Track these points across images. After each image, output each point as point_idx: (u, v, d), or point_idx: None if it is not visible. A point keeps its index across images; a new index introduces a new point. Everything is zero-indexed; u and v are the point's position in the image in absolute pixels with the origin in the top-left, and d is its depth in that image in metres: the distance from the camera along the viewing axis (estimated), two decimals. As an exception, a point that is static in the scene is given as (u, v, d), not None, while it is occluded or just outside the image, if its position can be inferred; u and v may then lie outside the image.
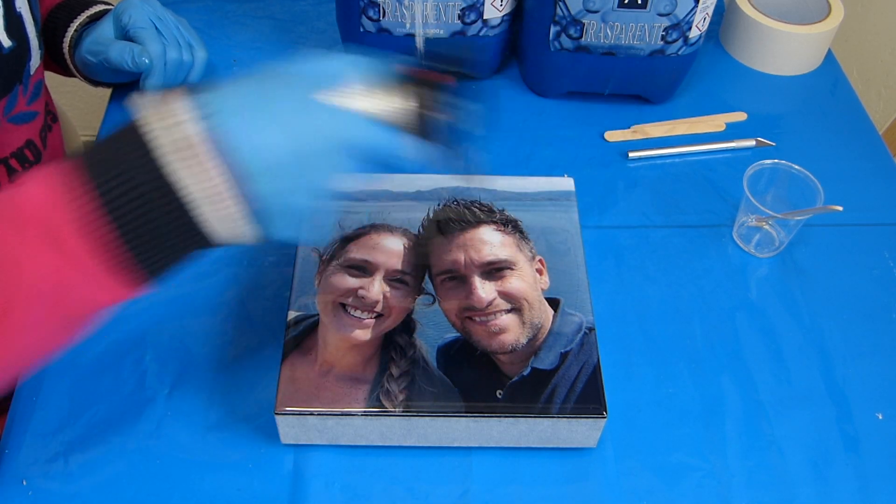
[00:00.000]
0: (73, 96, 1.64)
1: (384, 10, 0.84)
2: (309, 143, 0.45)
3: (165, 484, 0.60)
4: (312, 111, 0.46)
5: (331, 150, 0.46)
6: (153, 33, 0.78)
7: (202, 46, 0.82)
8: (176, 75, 0.80)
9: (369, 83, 0.49)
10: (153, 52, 0.77)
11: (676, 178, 0.84)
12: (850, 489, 0.62)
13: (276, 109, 0.45)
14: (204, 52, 0.82)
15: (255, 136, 0.44)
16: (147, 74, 0.78)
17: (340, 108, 0.47)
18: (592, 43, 0.84)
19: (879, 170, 0.86)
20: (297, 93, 0.46)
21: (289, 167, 0.45)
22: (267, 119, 0.45)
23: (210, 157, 0.43)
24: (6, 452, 0.61)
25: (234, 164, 0.43)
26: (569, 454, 0.63)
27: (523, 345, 0.62)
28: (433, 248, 0.67)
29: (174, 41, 0.79)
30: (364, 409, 0.59)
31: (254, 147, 0.44)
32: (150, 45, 0.77)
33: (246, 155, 0.44)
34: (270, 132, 0.44)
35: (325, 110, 0.46)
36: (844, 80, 0.97)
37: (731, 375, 0.68)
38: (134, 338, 0.68)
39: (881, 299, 0.74)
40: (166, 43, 0.78)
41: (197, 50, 0.82)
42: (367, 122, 0.47)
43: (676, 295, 0.74)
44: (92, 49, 0.79)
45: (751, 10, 0.95)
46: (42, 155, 0.77)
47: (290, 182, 0.45)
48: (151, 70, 0.77)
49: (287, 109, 0.45)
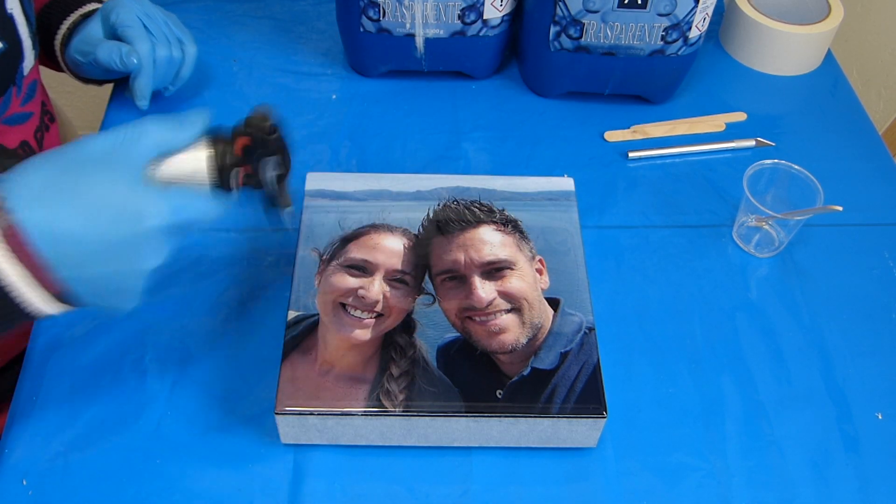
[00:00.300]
0: (73, 96, 1.64)
1: (384, 10, 0.84)
2: (112, 229, 0.45)
3: (165, 484, 0.60)
4: (114, 195, 0.46)
5: (139, 235, 0.46)
6: (141, 32, 0.77)
7: (192, 41, 0.82)
8: (166, 73, 0.80)
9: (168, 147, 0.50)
10: (142, 52, 0.76)
11: (676, 178, 0.84)
12: (850, 489, 0.62)
13: (77, 196, 0.45)
14: (194, 48, 0.82)
15: (55, 227, 0.45)
16: (136, 74, 0.77)
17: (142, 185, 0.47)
18: (592, 43, 0.84)
19: (879, 170, 0.86)
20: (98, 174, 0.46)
21: (96, 256, 0.46)
22: (67, 208, 0.45)
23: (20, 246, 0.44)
24: (6, 452, 0.61)
25: (39, 255, 0.45)
26: (569, 454, 0.63)
27: (523, 345, 0.62)
28: (433, 248, 0.67)
29: (163, 38, 0.79)
30: (364, 408, 0.59)
31: (55, 239, 0.45)
32: (139, 44, 0.76)
33: (47, 247, 0.45)
34: (71, 222, 0.45)
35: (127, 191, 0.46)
36: (844, 80, 0.97)
37: (731, 375, 0.68)
38: (134, 338, 0.68)
39: (881, 299, 0.75)
40: (155, 41, 0.78)
41: (187, 45, 0.81)
42: (169, 193, 0.48)
43: (676, 295, 0.74)
44: (80, 49, 0.79)
45: (751, 11, 0.95)
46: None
47: (100, 268, 0.46)
48: (141, 69, 0.77)
49: (87, 195, 0.45)
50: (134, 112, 0.88)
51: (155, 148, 0.49)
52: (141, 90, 0.78)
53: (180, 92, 0.85)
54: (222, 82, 0.92)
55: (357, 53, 0.92)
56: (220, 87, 0.92)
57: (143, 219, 0.46)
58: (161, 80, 0.81)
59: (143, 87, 0.78)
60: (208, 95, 0.91)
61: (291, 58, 0.96)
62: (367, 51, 0.90)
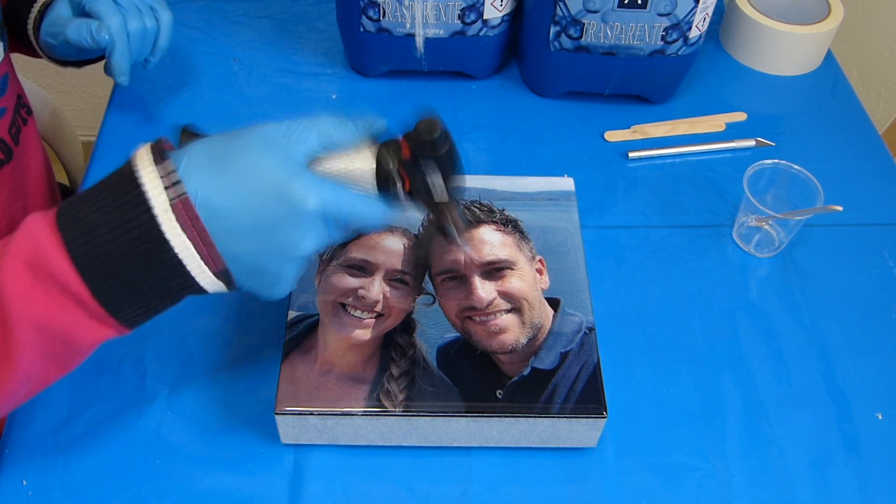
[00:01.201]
0: (73, 96, 1.64)
1: (384, 10, 0.84)
2: (270, 209, 0.46)
3: (165, 484, 0.60)
4: (276, 176, 0.46)
5: (295, 217, 0.47)
6: (110, 5, 0.73)
7: (165, 7, 0.77)
8: (142, 45, 0.76)
9: (336, 145, 0.50)
10: (112, 26, 0.72)
11: (676, 178, 0.84)
12: (850, 489, 0.62)
13: (241, 174, 0.46)
14: (169, 14, 0.78)
15: (218, 202, 0.45)
16: (111, 50, 0.73)
17: (306, 172, 0.48)
18: (592, 43, 0.84)
19: (879, 170, 0.86)
20: (263, 156, 0.47)
21: (253, 234, 0.46)
22: (230, 184, 0.46)
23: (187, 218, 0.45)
24: (6, 452, 0.61)
25: (204, 228, 0.45)
26: (569, 454, 0.63)
27: (523, 345, 0.62)
28: (433, 247, 0.67)
29: (133, 9, 0.74)
30: (364, 408, 0.59)
31: (216, 213, 0.45)
32: (108, 18, 0.72)
33: (210, 220, 0.45)
34: (233, 198, 0.46)
35: (289, 175, 0.47)
36: (844, 80, 0.97)
37: (731, 375, 0.68)
38: (134, 338, 0.68)
39: (881, 299, 0.74)
40: (126, 13, 0.73)
41: (161, 12, 0.77)
42: (332, 185, 0.48)
43: (676, 295, 0.74)
44: (50, 31, 0.75)
45: (751, 10, 0.95)
46: (13, 152, 0.75)
47: (257, 247, 0.47)
48: (114, 44, 0.73)
49: (250, 174, 0.46)
50: (136, 112, 0.88)
51: (323, 141, 0.49)
52: (118, 66, 0.74)
53: (180, 92, 0.85)
54: (222, 82, 0.92)
55: (357, 53, 0.92)
56: (220, 87, 0.92)
57: (301, 201, 0.46)
58: (138, 53, 0.76)
59: (119, 62, 0.74)
60: (208, 95, 0.91)
61: (291, 58, 0.96)
62: (367, 51, 0.90)
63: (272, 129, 0.48)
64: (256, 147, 0.47)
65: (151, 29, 0.76)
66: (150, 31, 0.76)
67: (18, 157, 0.76)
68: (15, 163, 0.75)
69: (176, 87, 0.91)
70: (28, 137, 0.79)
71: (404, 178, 0.52)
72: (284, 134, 0.48)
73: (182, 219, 0.45)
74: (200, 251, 0.46)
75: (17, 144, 0.76)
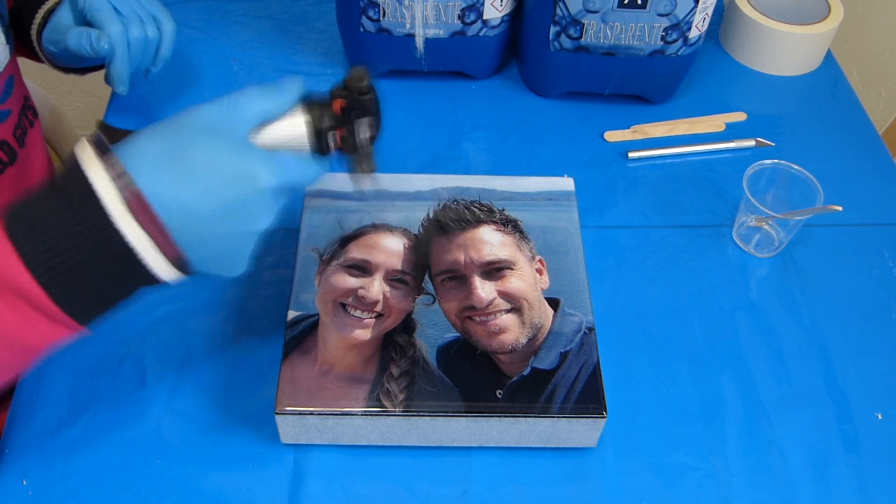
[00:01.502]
0: (73, 96, 1.64)
1: (384, 10, 0.84)
2: (226, 192, 0.47)
3: (165, 484, 0.60)
4: (229, 160, 0.47)
5: (253, 195, 0.47)
6: (111, 14, 0.72)
7: (169, 18, 0.77)
8: (143, 54, 0.75)
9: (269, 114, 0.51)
10: (113, 35, 0.71)
11: (676, 178, 0.84)
12: (850, 489, 0.62)
13: (190, 162, 0.46)
14: (171, 24, 0.77)
15: (172, 193, 0.46)
16: (110, 58, 0.73)
17: (254, 149, 0.49)
18: (592, 43, 0.84)
19: (879, 170, 0.86)
20: (208, 141, 0.47)
21: (211, 218, 0.47)
22: (183, 174, 0.46)
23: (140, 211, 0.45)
24: (6, 452, 0.61)
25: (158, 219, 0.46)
26: (569, 454, 0.63)
27: (523, 345, 0.62)
28: (433, 248, 0.67)
29: (135, 18, 0.74)
30: (364, 408, 0.59)
31: (172, 203, 0.46)
32: (109, 27, 0.72)
33: (165, 212, 0.46)
34: (187, 187, 0.46)
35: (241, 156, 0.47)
36: (844, 81, 0.97)
37: (731, 375, 0.68)
38: (134, 338, 0.68)
39: (881, 299, 0.75)
40: (127, 22, 0.73)
41: (163, 22, 0.76)
42: (278, 156, 0.49)
43: (676, 295, 0.74)
44: (51, 38, 0.75)
45: (750, 11, 0.95)
46: (17, 155, 0.74)
47: (215, 230, 0.47)
48: (114, 53, 0.73)
49: (200, 161, 0.47)
50: (136, 112, 0.88)
51: (257, 115, 0.50)
52: (118, 75, 0.74)
53: (180, 92, 0.85)
54: (222, 82, 0.92)
55: (357, 53, 0.92)
56: (221, 87, 0.92)
57: (255, 180, 0.47)
58: (139, 62, 0.76)
59: (118, 71, 0.74)
60: (208, 95, 0.90)
61: (291, 58, 0.96)
62: (367, 51, 0.90)
63: (210, 113, 0.49)
64: (202, 134, 0.47)
65: (153, 38, 0.75)
66: (151, 41, 0.75)
67: (23, 160, 0.76)
68: (19, 165, 0.75)
69: (176, 87, 0.91)
70: (34, 140, 0.79)
71: (337, 132, 0.54)
72: (225, 115, 0.49)
73: (135, 211, 0.45)
74: (157, 242, 0.46)
75: (22, 147, 0.76)
